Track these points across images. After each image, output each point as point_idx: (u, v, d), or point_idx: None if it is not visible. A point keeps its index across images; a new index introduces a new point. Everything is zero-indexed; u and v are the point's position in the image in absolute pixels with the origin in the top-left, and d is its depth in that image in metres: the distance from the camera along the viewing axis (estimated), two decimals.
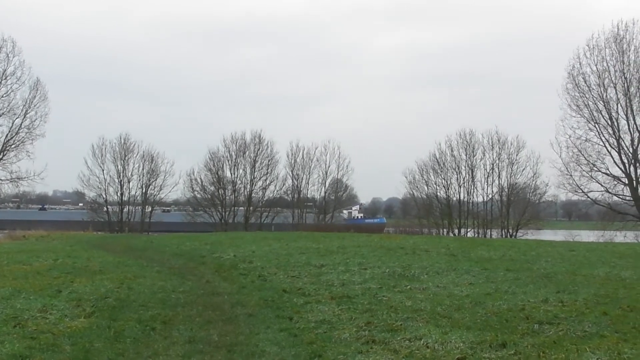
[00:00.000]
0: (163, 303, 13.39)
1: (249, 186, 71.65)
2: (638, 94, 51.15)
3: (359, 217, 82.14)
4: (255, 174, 71.70)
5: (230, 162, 71.58)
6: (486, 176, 67.00)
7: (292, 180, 75.61)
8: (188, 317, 12.02)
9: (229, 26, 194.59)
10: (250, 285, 16.03)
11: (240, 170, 71.74)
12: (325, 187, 76.78)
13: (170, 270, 19.68)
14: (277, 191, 74.55)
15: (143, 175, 72.04)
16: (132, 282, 16.28)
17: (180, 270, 19.61)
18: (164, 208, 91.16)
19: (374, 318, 11.55)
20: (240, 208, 72.33)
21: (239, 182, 71.72)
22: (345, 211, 74.92)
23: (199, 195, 72.59)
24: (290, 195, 77.11)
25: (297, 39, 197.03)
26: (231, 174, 71.87)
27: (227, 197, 71.90)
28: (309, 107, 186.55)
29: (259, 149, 71.62)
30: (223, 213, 70.87)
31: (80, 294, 14.14)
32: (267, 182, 72.61)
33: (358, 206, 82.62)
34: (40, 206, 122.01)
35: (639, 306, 12.52)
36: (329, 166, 75.91)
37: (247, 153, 71.58)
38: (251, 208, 71.75)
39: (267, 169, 72.29)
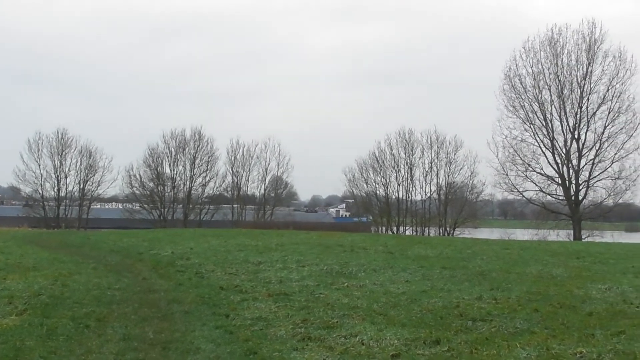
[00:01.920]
0: (98, 300, 13.22)
1: (188, 183, 71.11)
2: (571, 96, 52.46)
3: (346, 216, 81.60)
4: (195, 170, 71.18)
5: (169, 158, 70.94)
6: (425, 175, 67.65)
7: (232, 177, 75.23)
8: (123, 314, 11.91)
9: (167, 20, 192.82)
10: (188, 283, 15.95)
11: (180, 167, 71.16)
12: (265, 184, 76.52)
13: (106, 267, 19.45)
14: (217, 188, 74.20)
15: (81, 171, 70.96)
16: (67, 279, 16.02)
17: (117, 267, 19.40)
18: (107, 204, 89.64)
19: (311, 315, 11.62)
20: (180, 205, 71.77)
21: (178, 178, 71.15)
22: (332, 210, 74.20)
23: (137, 192, 71.69)
24: (230, 192, 76.80)
25: (237, 35, 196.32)
26: (171, 170, 71.26)
27: (167, 194, 71.25)
28: (249, 104, 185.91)
29: (199, 146, 71.15)
30: (162, 210, 70.24)
31: (13, 291, 13.88)
32: (207, 178, 72.15)
33: (344, 205, 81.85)
34: None
35: (569, 303, 12.87)
36: (269, 163, 75.71)
37: (187, 149, 71.05)
38: (190, 205, 71.25)
39: (207, 166, 71.82)
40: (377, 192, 68.58)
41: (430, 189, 68.33)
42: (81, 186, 71.36)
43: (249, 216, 73.81)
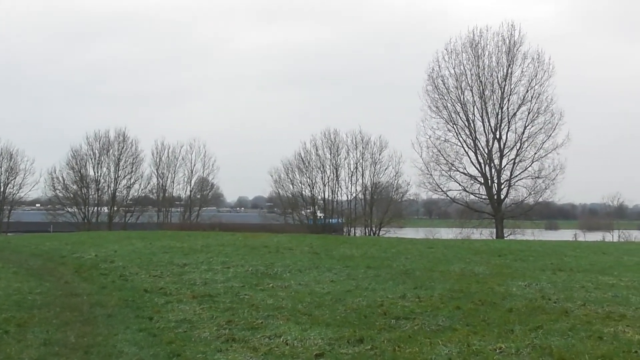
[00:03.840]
0: (18, 305, 12.96)
1: (113, 185, 69.96)
2: (492, 97, 53.57)
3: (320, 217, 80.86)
4: (120, 172, 70.00)
5: (93, 160, 69.56)
6: (350, 175, 68.04)
7: (157, 178, 74.44)
8: (44, 319, 11.69)
9: (92, 21, 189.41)
10: (111, 285, 15.74)
11: (104, 169, 69.85)
12: (190, 185, 76.02)
13: (27, 271, 19.06)
14: (142, 190, 73.22)
15: (1, 174, 69.41)
16: None
17: (39, 271, 19.02)
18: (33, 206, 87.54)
19: (235, 316, 11.60)
20: (104, 207, 70.68)
21: (102, 180, 69.89)
22: (308, 211, 73.34)
23: (60, 194, 70.33)
24: (155, 194, 76.00)
25: (164, 36, 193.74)
26: (94, 172, 69.93)
27: (91, 196, 70.03)
28: (175, 105, 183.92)
29: (123, 147, 70.00)
30: (86, 212, 69.07)
31: None
32: (132, 180, 71.02)
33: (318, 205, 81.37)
34: None
35: (490, 300, 13.17)
36: (194, 165, 75.15)
37: (111, 151, 69.76)
38: (115, 207, 70.24)
39: (132, 168, 70.70)
40: (303, 192, 68.69)
41: (356, 189, 68.75)
42: (2, 189, 69.76)
43: (175, 218, 73.15)
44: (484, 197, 55.87)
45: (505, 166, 54.23)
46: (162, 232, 37.73)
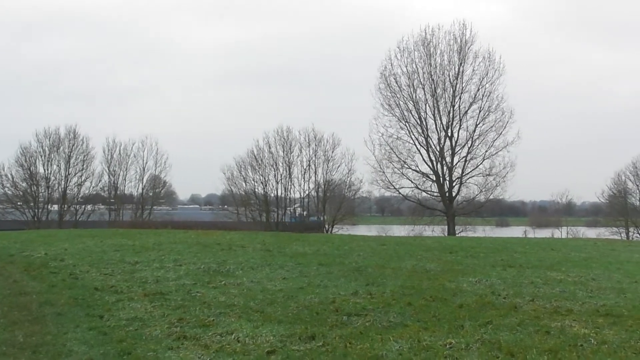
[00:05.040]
0: None
1: (63, 182, 69.21)
2: (444, 95, 54.15)
3: (303, 215, 79.95)
4: (70, 169, 69.33)
5: (43, 157, 68.77)
6: (303, 172, 68.32)
7: (109, 176, 73.78)
8: None
9: (41, 18, 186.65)
10: (61, 284, 15.53)
11: (55, 166, 69.10)
12: (142, 183, 75.49)
13: None
14: (94, 187, 72.56)
15: None
16: None
17: None
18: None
19: (187, 314, 11.55)
20: (55, 205, 69.82)
21: (52, 178, 69.12)
22: (289, 209, 72.57)
23: (9, 192, 69.31)
24: (107, 192, 75.29)
25: (114, 32, 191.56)
26: (44, 169, 69.16)
27: (41, 194, 69.16)
28: (126, 103, 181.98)
29: (74, 145, 69.29)
30: (36, 210, 68.14)
31: None
32: (83, 178, 70.35)
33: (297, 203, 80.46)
34: None
35: (441, 296, 13.31)
36: (146, 162, 74.62)
37: (61, 148, 69.03)
38: (66, 205, 69.41)
39: (83, 165, 70.01)
40: (256, 190, 68.69)
41: (309, 187, 69.07)
42: None
43: (127, 216, 72.49)
44: (435, 194, 56.45)
45: (456, 164, 54.96)
46: (113, 230, 37.35)
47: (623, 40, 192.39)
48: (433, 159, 54.86)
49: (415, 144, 55.24)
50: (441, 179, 54.76)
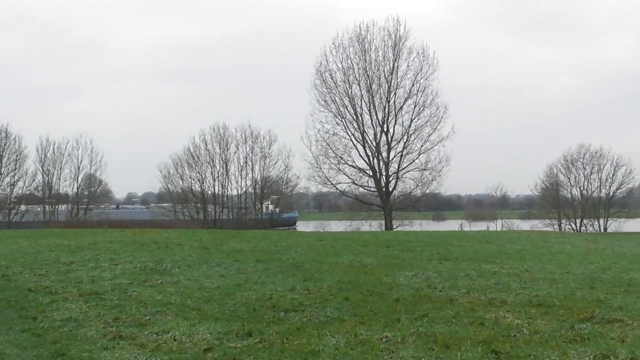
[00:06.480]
0: None
1: None
2: (380, 90, 54.43)
3: (275, 212, 78.65)
4: (2, 169, 67.91)
5: None
6: (240, 169, 68.01)
7: (43, 175, 72.42)
8: None
9: None
10: None
11: None
12: (78, 182, 74.33)
13: None
14: (27, 187, 71.22)
15: None
16: None
17: None
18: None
19: (123, 313, 11.42)
20: None
21: None
22: (265, 204, 71.41)
23: None
24: (41, 192, 73.96)
25: (44, 30, 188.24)
26: None
27: None
28: (60, 101, 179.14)
29: (5, 144, 67.80)
30: None
31: None
32: (16, 178, 69.03)
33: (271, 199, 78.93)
34: None
35: (377, 290, 13.42)
36: (81, 161, 73.43)
37: None
38: None
39: (15, 165, 68.67)
40: (193, 187, 68.20)
41: (246, 184, 68.79)
42: None
43: (62, 216, 71.34)
44: (372, 189, 56.76)
45: (393, 159, 55.25)
46: (48, 230, 36.75)
47: (555, 36, 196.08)
48: (369, 154, 55.12)
49: (351, 140, 55.44)
50: (378, 174, 55.04)
